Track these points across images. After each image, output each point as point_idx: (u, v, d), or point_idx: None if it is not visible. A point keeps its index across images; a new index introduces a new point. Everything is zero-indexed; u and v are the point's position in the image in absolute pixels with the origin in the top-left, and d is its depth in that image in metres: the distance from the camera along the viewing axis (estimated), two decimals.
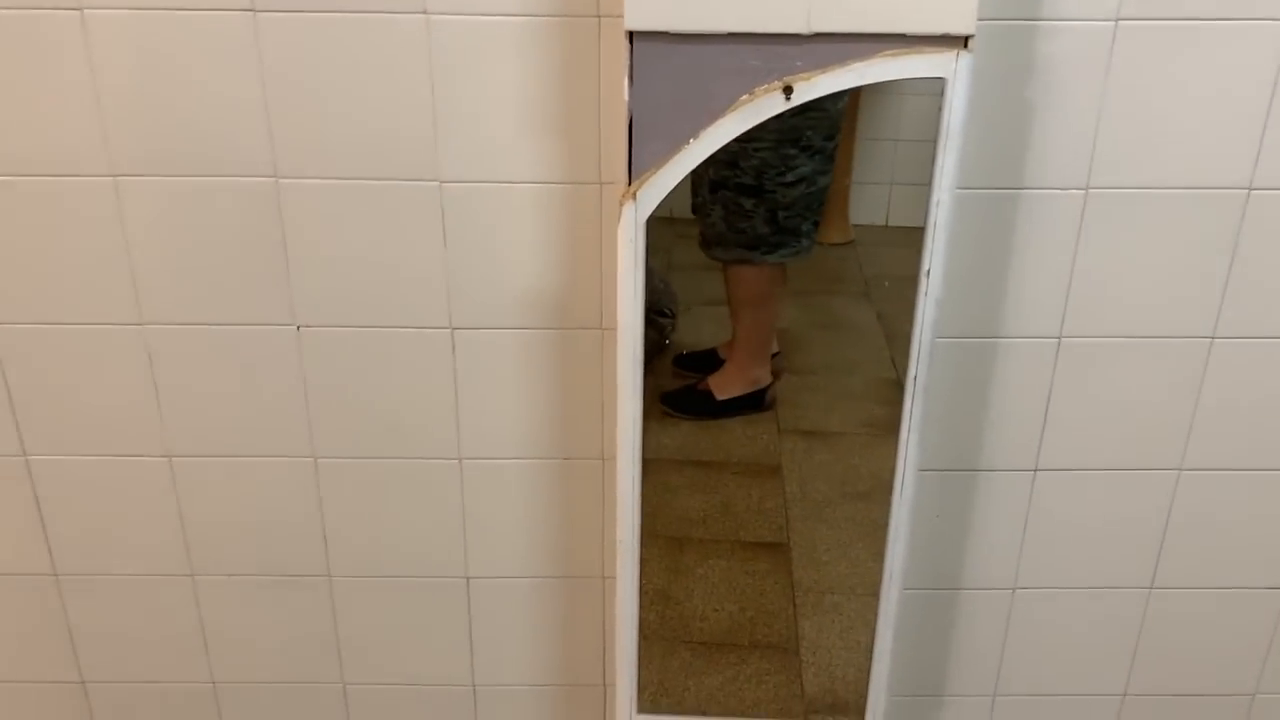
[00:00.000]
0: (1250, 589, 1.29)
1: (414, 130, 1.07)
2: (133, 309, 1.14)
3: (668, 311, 1.15)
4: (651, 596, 1.17)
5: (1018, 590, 1.29)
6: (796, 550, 1.20)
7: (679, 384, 1.19)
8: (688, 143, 0.93)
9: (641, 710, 1.19)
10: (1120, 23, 1.01)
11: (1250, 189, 1.08)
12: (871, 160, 1.06)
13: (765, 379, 1.19)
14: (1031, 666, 1.34)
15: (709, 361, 1.20)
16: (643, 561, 1.12)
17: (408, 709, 1.38)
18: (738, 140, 0.94)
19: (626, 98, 0.91)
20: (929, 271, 0.97)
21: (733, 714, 1.20)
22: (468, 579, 1.29)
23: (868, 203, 1.08)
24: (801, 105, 0.91)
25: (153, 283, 1.13)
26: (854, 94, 0.93)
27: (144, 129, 1.07)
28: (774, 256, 1.09)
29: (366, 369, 1.18)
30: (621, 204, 0.95)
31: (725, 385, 1.19)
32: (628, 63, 0.90)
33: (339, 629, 1.32)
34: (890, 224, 1.10)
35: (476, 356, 1.17)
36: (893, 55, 0.90)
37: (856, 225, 1.09)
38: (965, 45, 0.89)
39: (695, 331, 1.17)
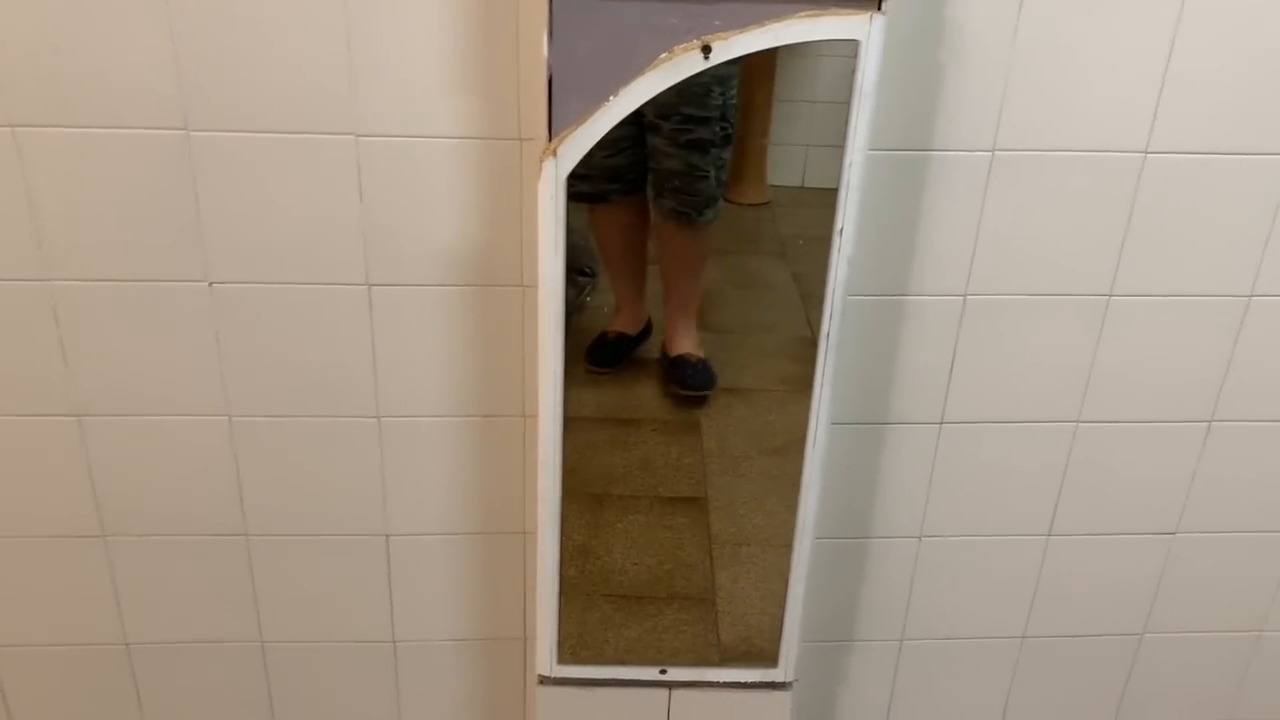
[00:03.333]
0: (1140, 535, 1.34)
1: (330, 83, 1.04)
2: (36, 265, 1.11)
3: (588, 270, 1.15)
4: (571, 552, 1.18)
5: (924, 538, 1.33)
6: (714, 504, 1.20)
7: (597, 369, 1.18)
8: (608, 99, 0.93)
9: (562, 661, 1.21)
10: None
11: (1146, 153, 1.12)
12: (788, 121, 1.07)
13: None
14: (936, 611, 1.38)
15: (620, 349, 1.20)
16: (563, 518, 1.13)
17: (327, 666, 1.37)
18: (722, 90, 0.97)
19: (545, 54, 0.90)
20: (841, 230, 1.00)
21: (650, 663, 1.22)
22: (387, 536, 1.29)
23: (784, 164, 1.09)
24: None
25: (58, 237, 1.10)
26: (771, 54, 0.94)
27: (44, 77, 1.03)
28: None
29: (281, 326, 1.15)
30: (542, 160, 0.94)
31: (682, 343, 1.18)
32: (547, 19, 0.89)
33: (256, 587, 1.30)
34: (806, 185, 1.11)
35: (394, 314, 1.15)
36: (808, 16, 0.91)
37: (773, 186, 1.10)
38: (879, 7, 0.91)
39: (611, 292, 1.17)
